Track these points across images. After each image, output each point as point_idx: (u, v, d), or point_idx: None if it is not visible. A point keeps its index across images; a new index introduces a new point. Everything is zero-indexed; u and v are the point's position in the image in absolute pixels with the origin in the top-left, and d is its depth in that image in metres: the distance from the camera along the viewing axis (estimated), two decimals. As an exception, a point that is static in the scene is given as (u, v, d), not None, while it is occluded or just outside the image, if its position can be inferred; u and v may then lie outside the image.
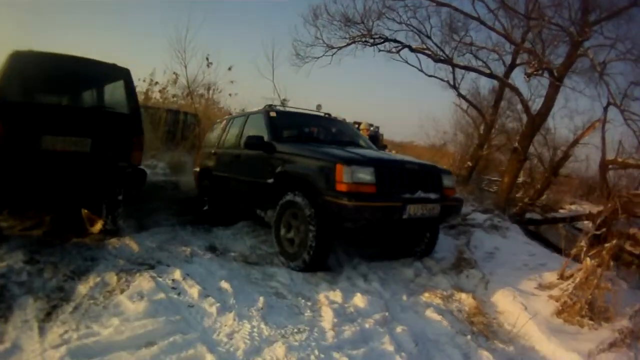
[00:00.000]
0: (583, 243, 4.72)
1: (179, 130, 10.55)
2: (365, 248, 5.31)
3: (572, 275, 4.26)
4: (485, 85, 15.32)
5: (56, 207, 5.42)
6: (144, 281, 3.43)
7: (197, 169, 7.08)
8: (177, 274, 3.64)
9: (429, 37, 11.05)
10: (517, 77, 13.66)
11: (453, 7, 10.27)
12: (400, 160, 4.76)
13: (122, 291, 3.30)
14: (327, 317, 3.24)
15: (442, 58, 10.98)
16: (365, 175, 4.05)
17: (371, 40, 10.98)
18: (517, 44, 10.51)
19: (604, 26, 8.90)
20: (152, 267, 3.87)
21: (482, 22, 10.14)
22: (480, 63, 11.39)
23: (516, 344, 3.37)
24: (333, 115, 6.42)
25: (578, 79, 9.99)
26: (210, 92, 12.09)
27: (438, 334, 3.31)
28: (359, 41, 11.11)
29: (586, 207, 12.65)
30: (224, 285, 3.55)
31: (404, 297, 3.99)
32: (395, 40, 10.99)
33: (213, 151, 6.56)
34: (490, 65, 11.40)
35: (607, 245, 4.21)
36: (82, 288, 3.36)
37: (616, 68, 9.29)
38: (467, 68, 11.30)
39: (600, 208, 10.29)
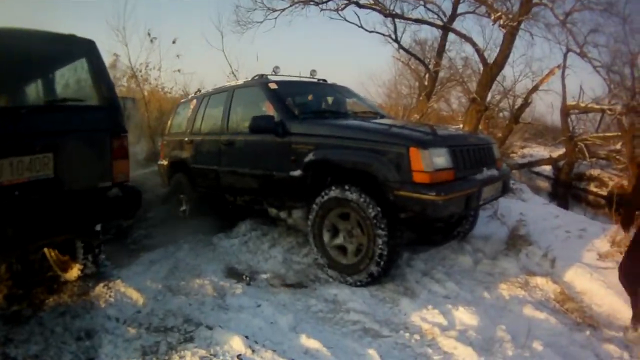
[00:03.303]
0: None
1: (121, 118, 8.63)
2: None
3: (620, 241, 4.09)
4: (427, 37, 14.95)
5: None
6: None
7: (164, 162, 5.69)
8: (237, 343, 2.46)
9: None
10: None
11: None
12: (462, 134, 3.96)
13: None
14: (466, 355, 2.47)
15: (393, 12, 10.22)
16: (442, 158, 3.17)
17: None
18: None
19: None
20: (186, 336, 2.66)
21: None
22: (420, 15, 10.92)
23: (621, 328, 2.93)
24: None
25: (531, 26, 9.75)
26: (149, 70, 9.77)
27: (554, 335, 2.77)
28: (303, 1, 10.16)
29: (537, 150, 12.98)
30: (309, 343, 2.51)
31: (485, 294, 3.37)
32: None
33: (186, 139, 5.21)
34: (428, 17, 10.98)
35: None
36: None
37: (573, 15, 9.19)
38: (420, 21, 10.73)
39: (560, 152, 10.59)
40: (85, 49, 3.21)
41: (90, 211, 3.04)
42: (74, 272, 3.56)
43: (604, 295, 3.31)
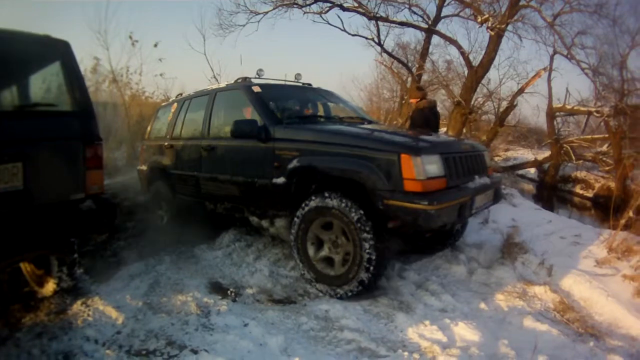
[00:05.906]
0: (631, 214, 4.48)
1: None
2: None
3: (617, 247, 4.06)
4: (410, 40, 14.98)
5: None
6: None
7: (144, 168, 5.46)
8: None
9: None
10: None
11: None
12: (453, 141, 3.82)
13: None
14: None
15: (377, 15, 10.15)
16: (435, 166, 3.02)
17: (301, 2, 9.89)
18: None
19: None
20: (170, 360, 2.45)
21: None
22: (404, 18, 10.88)
23: (624, 338, 2.84)
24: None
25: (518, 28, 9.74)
26: (130, 75, 9.57)
27: (558, 348, 2.63)
28: (287, 4, 10.02)
29: (522, 153, 12.99)
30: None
31: (483, 306, 3.24)
32: (326, 0, 9.93)
33: (167, 144, 4.99)
34: (413, 20, 10.95)
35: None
36: None
37: (562, 17, 9.21)
38: (404, 24, 10.65)
39: (545, 154, 10.60)
40: (60, 50, 2.97)
41: (61, 226, 2.82)
42: (50, 287, 3.34)
43: (604, 303, 3.22)
